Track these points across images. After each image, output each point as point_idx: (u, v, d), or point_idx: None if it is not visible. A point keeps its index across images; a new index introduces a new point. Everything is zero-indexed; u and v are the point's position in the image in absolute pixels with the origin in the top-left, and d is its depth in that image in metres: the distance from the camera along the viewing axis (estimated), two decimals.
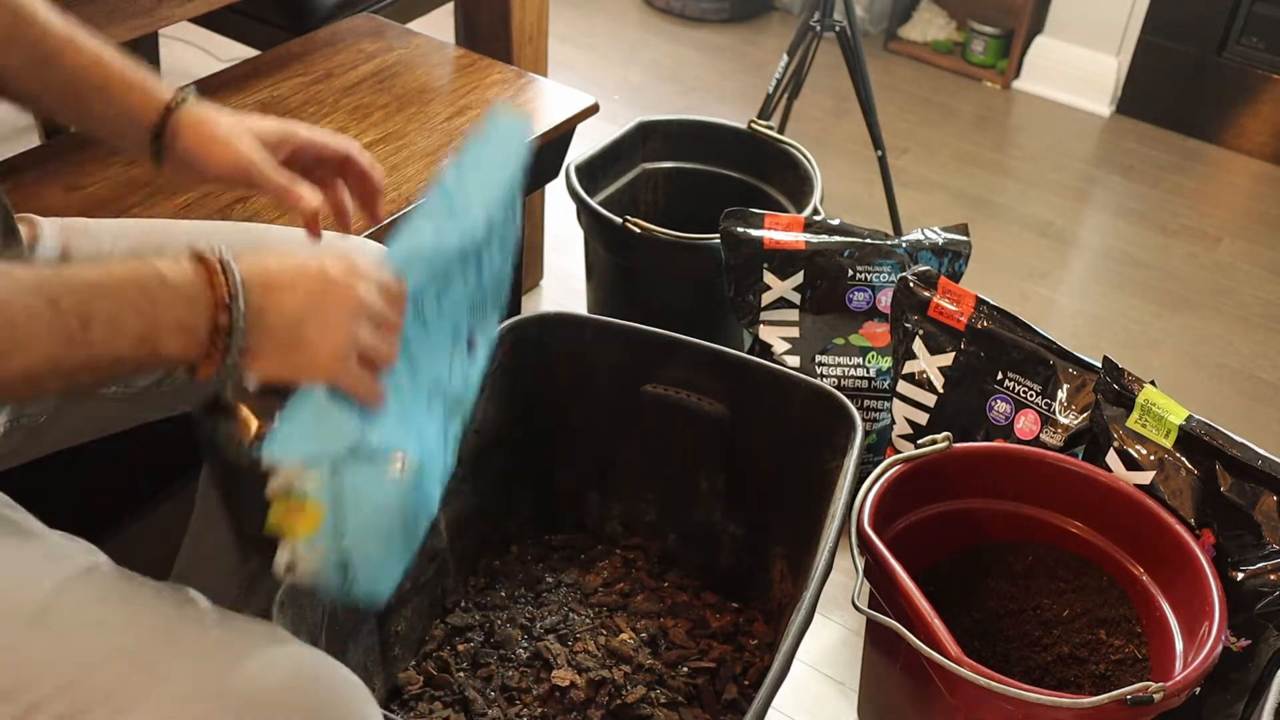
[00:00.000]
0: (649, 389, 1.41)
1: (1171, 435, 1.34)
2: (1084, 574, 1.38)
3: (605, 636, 1.34)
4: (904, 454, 1.38)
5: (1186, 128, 2.94)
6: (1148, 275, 2.44)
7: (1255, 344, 2.26)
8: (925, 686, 1.22)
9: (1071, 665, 1.33)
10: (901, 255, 1.74)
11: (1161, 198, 2.71)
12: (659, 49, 3.19)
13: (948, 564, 1.41)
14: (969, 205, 2.62)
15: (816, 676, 1.55)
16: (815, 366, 1.73)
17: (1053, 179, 2.76)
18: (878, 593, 1.28)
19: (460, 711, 1.27)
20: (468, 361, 0.98)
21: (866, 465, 1.35)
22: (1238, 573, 1.28)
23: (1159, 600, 1.32)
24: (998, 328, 1.52)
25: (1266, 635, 1.28)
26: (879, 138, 2.24)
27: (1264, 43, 2.77)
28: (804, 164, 1.94)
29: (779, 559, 1.42)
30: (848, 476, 1.22)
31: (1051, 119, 3.01)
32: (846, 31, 2.17)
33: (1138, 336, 2.26)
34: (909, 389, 1.61)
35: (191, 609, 0.83)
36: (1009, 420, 1.51)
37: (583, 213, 1.84)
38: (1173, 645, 1.27)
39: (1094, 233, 2.61)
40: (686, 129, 2.03)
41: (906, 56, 3.22)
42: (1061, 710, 1.13)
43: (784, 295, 1.74)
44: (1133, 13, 2.93)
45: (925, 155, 2.79)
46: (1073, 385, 1.47)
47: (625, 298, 1.93)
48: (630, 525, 1.52)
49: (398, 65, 1.72)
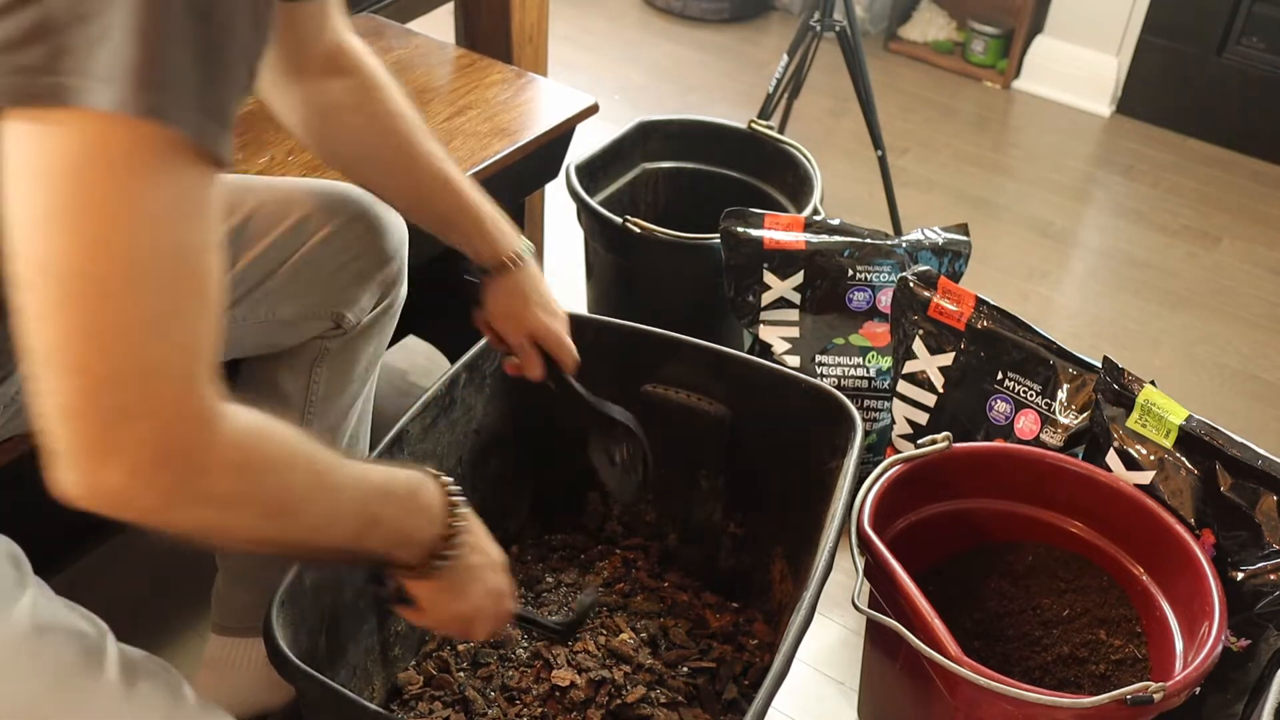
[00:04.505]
0: (649, 389, 1.41)
1: (1171, 435, 1.34)
2: (1084, 574, 1.38)
3: (605, 636, 1.34)
4: (904, 454, 1.38)
5: (1186, 128, 2.94)
6: (1148, 275, 2.44)
7: (1255, 344, 2.26)
8: (925, 686, 1.22)
9: (1071, 665, 1.33)
10: (901, 255, 1.74)
11: (1161, 198, 2.71)
12: (659, 49, 3.19)
13: (948, 564, 1.41)
14: (969, 205, 2.62)
15: (816, 676, 1.55)
16: (815, 366, 1.73)
17: (1053, 179, 2.75)
18: (878, 593, 1.28)
19: (460, 711, 1.27)
20: None
21: (866, 465, 1.35)
22: (1238, 573, 1.28)
23: (1159, 600, 1.32)
24: (998, 328, 1.52)
25: (1266, 635, 1.28)
26: (879, 138, 2.24)
27: (1264, 43, 2.77)
28: (804, 164, 1.94)
29: (779, 559, 1.42)
30: (847, 476, 1.22)
31: (1051, 119, 3.01)
32: (846, 31, 2.17)
33: (1138, 336, 2.26)
34: (909, 389, 1.61)
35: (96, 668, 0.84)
36: (1009, 420, 1.51)
37: (583, 213, 1.84)
38: (1173, 645, 1.27)
39: (1094, 233, 2.61)
40: (686, 129, 2.03)
41: (906, 56, 3.22)
42: (1061, 710, 1.13)
43: (784, 295, 1.74)
44: (1133, 13, 2.92)
45: (925, 155, 2.79)
46: (1073, 385, 1.47)
47: (625, 298, 1.93)
48: (630, 525, 1.52)
49: (397, 65, 1.72)
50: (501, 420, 1.40)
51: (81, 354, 0.62)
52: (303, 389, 1.26)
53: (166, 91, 0.61)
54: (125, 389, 0.63)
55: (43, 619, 0.84)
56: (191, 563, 1.43)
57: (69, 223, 0.61)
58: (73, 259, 0.61)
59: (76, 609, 0.88)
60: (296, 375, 1.26)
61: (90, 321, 0.62)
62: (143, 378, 0.64)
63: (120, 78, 0.59)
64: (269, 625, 0.99)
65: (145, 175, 0.62)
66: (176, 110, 0.61)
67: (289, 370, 1.25)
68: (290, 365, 1.25)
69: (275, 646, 0.97)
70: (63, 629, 0.85)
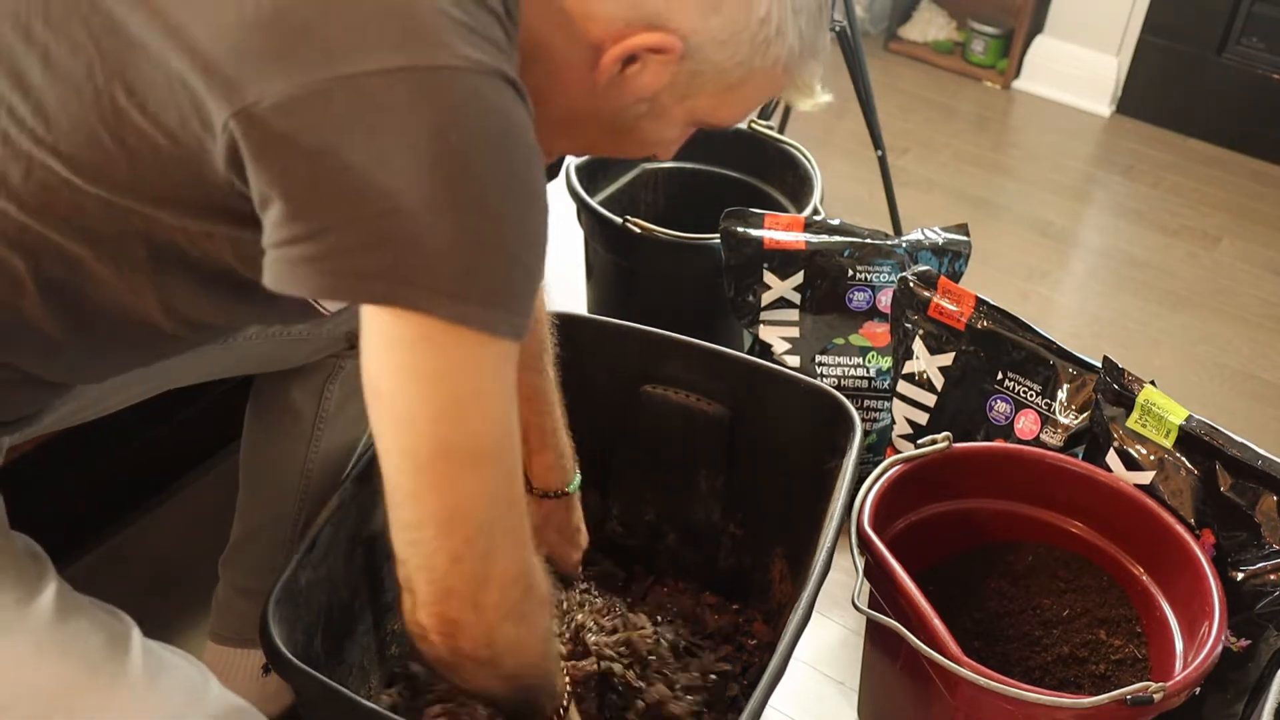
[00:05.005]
0: (649, 389, 1.41)
1: (1171, 435, 1.33)
2: (1084, 574, 1.38)
3: (605, 636, 1.34)
4: (904, 454, 1.37)
5: (1186, 128, 2.94)
6: (1148, 275, 2.44)
7: (1255, 344, 2.26)
8: (925, 686, 1.22)
9: (1071, 665, 1.33)
10: (901, 255, 1.74)
11: (1161, 198, 2.71)
12: None
13: (948, 564, 1.41)
14: (969, 205, 2.62)
15: (816, 676, 1.54)
16: (815, 366, 1.73)
17: (1053, 179, 2.75)
18: (878, 593, 1.28)
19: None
20: None
21: (866, 465, 1.35)
22: (1238, 573, 1.28)
23: (1159, 600, 1.32)
24: (998, 328, 1.52)
25: (1266, 635, 1.27)
26: (879, 138, 2.24)
27: (1264, 43, 2.77)
28: (804, 164, 1.94)
29: (779, 559, 1.42)
30: (847, 476, 1.22)
31: (1051, 119, 3.01)
32: (846, 31, 2.17)
33: (1138, 336, 2.25)
34: (909, 389, 1.61)
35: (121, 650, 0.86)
36: (1009, 420, 1.51)
37: (583, 213, 1.84)
38: (1173, 645, 1.27)
39: (1094, 233, 2.61)
40: None
41: (906, 56, 3.22)
42: (1061, 710, 1.12)
43: (784, 295, 1.73)
44: (1133, 13, 2.92)
45: (925, 155, 2.79)
46: (1073, 385, 1.47)
47: (625, 298, 1.93)
48: (630, 525, 1.51)
49: None
50: None
51: (467, 513, 0.74)
52: (314, 405, 1.27)
53: (503, 306, 0.71)
54: (497, 531, 0.76)
55: (66, 609, 0.85)
56: (190, 564, 1.43)
57: (455, 418, 0.72)
58: (461, 444, 0.73)
59: (99, 603, 0.89)
60: (309, 391, 1.26)
61: (476, 486, 0.74)
62: (505, 518, 0.77)
63: (467, 295, 0.69)
64: (266, 623, 0.98)
65: (493, 375, 0.73)
66: (507, 323, 0.72)
67: (301, 386, 1.26)
68: (303, 381, 1.26)
69: (272, 644, 0.97)
70: (87, 619, 0.86)
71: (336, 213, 0.68)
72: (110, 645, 0.85)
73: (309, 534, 1.09)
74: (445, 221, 0.67)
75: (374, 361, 0.72)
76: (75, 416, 1.07)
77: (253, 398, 1.30)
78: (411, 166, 0.67)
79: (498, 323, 0.71)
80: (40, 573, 0.86)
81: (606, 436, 1.46)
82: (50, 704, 0.82)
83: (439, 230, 0.67)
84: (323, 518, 1.11)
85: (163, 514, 1.64)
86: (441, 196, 0.67)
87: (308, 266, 0.69)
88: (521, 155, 0.72)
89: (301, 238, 0.68)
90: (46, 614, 0.84)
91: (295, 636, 1.04)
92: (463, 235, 0.68)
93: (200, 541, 1.40)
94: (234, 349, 1.15)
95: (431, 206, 0.67)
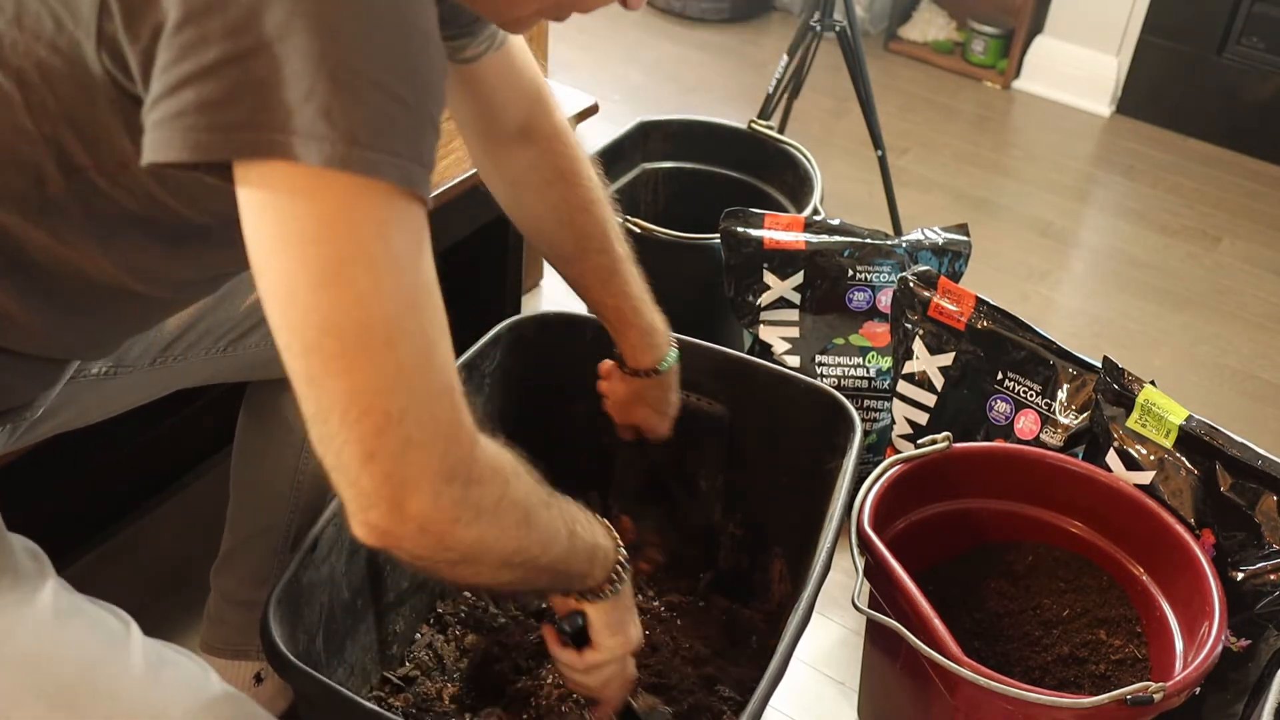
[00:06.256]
0: None
1: (1171, 435, 1.33)
2: (1084, 574, 1.38)
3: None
4: (904, 454, 1.37)
5: (1186, 128, 2.94)
6: (1148, 275, 2.44)
7: (1255, 344, 2.26)
8: (925, 686, 1.22)
9: (1071, 665, 1.33)
10: (901, 255, 1.74)
11: (1161, 198, 2.71)
12: (659, 49, 3.19)
13: (948, 564, 1.41)
14: (969, 205, 2.62)
15: (816, 676, 1.54)
16: (815, 366, 1.73)
17: (1053, 179, 2.75)
18: (878, 593, 1.28)
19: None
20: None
21: (866, 465, 1.35)
22: (1238, 573, 1.28)
23: (1159, 600, 1.32)
24: (998, 328, 1.52)
25: (1266, 635, 1.27)
26: (879, 138, 2.24)
27: (1264, 43, 2.77)
28: (804, 164, 1.94)
29: (779, 559, 1.42)
30: (847, 476, 1.22)
31: (1051, 119, 3.01)
32: (846, 31, 2.17)
33: (1138, 336, 2.26)
34: (909, 389, 1.61)
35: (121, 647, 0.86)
36: (1009, 420, 1.51)
37: None
38: (1173, 645, 1.27)
39: (1094, 233, 2.61)
40: (686, 129, 2.03)
41: (906, 56, 3.22)
42: (1061, 710, 1.13)
43: (784, 295, 1.73)
44: (1133, 13, 2.92)
45: (925, 155, 2.79)
46: (1073, 385, 1.47)
47: None
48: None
49: None
50: (500, 419, 1.40)
51: (369, 399, 0.66)
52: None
53: (380, 147, 0.64)
54: (411, 421, 0.67)
55: (65, 608, 0.85)
56: (190, 564, 1.43)
57: (337, 284, 0.64)
58: (347, 315, 0.65)
59: (98, 602, 0.89)
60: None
61: (373, 367, 0.66)
62: (422, 406, 0.68)
63: (336, 134, 0.62)
64: (266, 623, 0.98)
65: (377, 230, 0.65)
66: (390, 164, 0.64)
67: (294, 397, 1.25)
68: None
69: (272, 644, 0.97)
70: (87, 617, 0.86)
71: (207, 44, 0.62)
72: (110, 642, 0.86)
73: (311, 534, 1.09)
74: (298, 53, 0.61)
75: (252, 235, 0.65)
76: (81, 419, 1.07)
77: (245, 408, 1.29)
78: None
79: (378, 164, 0.63)
80: (39, 570, 0.86)
81: (607, 436, 1.46)
82: (53, 701, 0.82)
83: (293, 62, 0.61)
84: (325, 517, 1.11)
85: (163, 514, 1.64)
86: (295, 23, 0.61)
87: (175, 125, 0.63)
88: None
89: (172, 85, 0.63)
90: (46, 613, 0.84)
91: (296, 636, 1.04)
92: (320, 66, 0.61)
93: (200, 542, 1.40)
94: (234, 355, 1.15)
95: (284, 37, 0.61)
